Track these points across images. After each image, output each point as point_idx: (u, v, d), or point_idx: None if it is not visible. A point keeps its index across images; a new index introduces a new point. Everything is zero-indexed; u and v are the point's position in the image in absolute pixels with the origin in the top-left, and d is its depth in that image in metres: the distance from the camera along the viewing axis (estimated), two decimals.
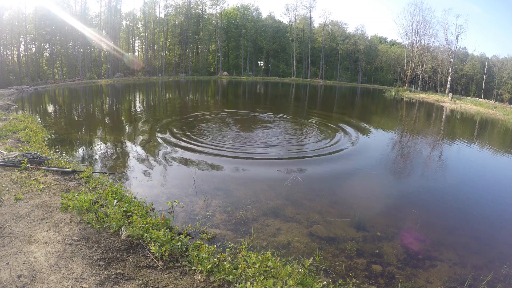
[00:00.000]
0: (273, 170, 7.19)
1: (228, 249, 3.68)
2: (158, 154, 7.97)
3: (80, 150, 8.11)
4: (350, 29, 78.12)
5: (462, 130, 16.48)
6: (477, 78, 63.62)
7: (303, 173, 7.07)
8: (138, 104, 21.11)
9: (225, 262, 3.13)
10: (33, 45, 39.17)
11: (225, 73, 57.46)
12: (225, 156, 7.81)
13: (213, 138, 9.91)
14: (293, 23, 64.91)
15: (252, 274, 2.98)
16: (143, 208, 4.42)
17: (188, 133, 10.43)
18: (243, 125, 12.87)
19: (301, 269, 3.23)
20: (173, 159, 7.58)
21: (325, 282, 3.23)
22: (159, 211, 4.71)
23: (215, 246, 3.70)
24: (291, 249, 4.03)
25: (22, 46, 38.18)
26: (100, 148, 8.44)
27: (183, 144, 9.01)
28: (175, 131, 10.85)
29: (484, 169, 8.77)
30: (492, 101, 39.63)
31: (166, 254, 3.25)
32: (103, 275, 2.83)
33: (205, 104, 21.25)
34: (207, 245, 3.51)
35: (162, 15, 55.97)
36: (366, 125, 14.13)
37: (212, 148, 8.60)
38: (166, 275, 2.96)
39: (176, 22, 57.25)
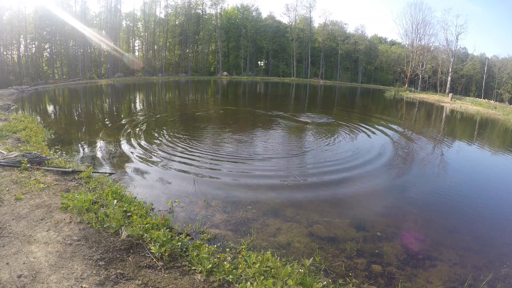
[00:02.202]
0: (273, 171, 7.19)
1: (228, 249, 3.68)
2: (158, 154, 7.97)
3: (80, 150, 8.12)
4: (350, 29, 78.26)
5: (462, 130, 16.48)
6: (477, 78, 63.66)
7: (303, 173, 7.06)
8: (138, 104, 21.12)
9: (225, 262, 3.13)
10: (33, 45, 39.19)
11: (225, 73, 57.47)
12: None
13: (213, 141, 9.90)
14: (293, 23, 64.93)
15: (252, 274, 2.98)
16: (143, 208, 4.42)
17: (187, 135, 10.43)
18: (249, 125, 12.87)
19: (301, 269, 3.23)
20: (173, 159, 7.57)
21: (325, 282, 3.23)
22: (159, 211, 4.71)
23: (215, 246, 3.70)
24: (291, 249, 4.02)
25: (22, 46, 38.27)
26: (100, 148, 8.44)
27: (182, 145, 9.02)
28: (175, 131, 10.85)
29: (484, 169, 8.78)
30: (492, 101, 39.64)
31: (166, 254, 3.24)
32: (103, 275, 2.83)
33: (205, 104, 21.25)
34: (207, 245, 3.51)
35: (162, 15, 56.12)
36: (365, 125, 14.13)
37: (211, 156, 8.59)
38: (166, 275, 2.96)
39: (176, 22, 57.27)
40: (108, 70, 46.27)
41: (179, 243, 3.45)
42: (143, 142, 9.08)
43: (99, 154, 7.80)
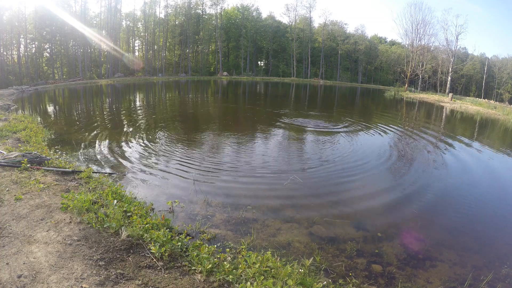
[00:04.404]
0: (273, 170, 7.19)
1: (228, 249, 3.68)
2: (158, 154, 7.97)
3: (80, 150, 8.11)
4: (350, 29, 78.27)
5: (462, 130, 16.48)
6: (477, 78, 63.65)
7: (303, 173, 7.06)
8: (138, 104, 21.11)
9: (225, 262, 3.13)
10: (33, 45, 39.18)
11: (225, 73, 57.47)
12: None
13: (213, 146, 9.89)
14: (293, 23, 64.94)
15: (252, 274, 2.98)
16: (143, 208, 4.42)
17: (188, 135, 10.43)
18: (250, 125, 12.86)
19: (301, 269, 3.23)
20: (173, 159, 7.57)
21: (325, 282, 3.23)
22: (159, 211, 4.71)
23: (215, 246, 3.70)
24: (291, 249, 4.02)
25: (22, 46, 38.25)
26: (100, 148, 8.44)
27: (182, 145, 9.02)
28: (176, 131, 10.85)
29: (483, 169, 8.77)
30: (492, 101, 39.64)
31: (166, 254, 3.25)
32: (103, 275, 2.83)
33: (205, 104, 21.26)
34: (207, 245, 3.51)
35: (162, 15, 56.12)
36: (366, 124, 14.14)
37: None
38: (166, 275, 2.96)
39: (176, 22, 57.27)
40: (108, 70, 46.26)
41: (179, 243, 3.46)
42: (143, 142, 9.08)
43: (99, 154, 7.79)
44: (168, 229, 3.85)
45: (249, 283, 2.80)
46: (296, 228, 4.59)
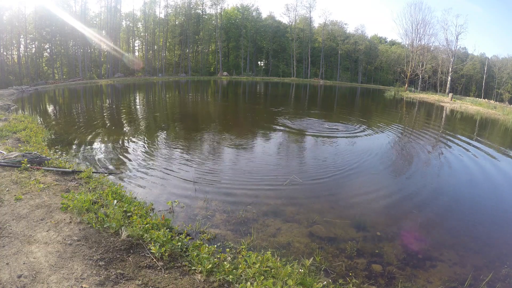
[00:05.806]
0: (273, 170, 7.19)
1: (228, 249, 3.68)
2: (159, 153, 7.97)
3: (80, 150, 8.12)
4: (350, 29, 78.22)
5: (462, 130, 16.47)
6: (477, 78, 63.65)
7: (302, 173, 7.06)
8: (138, 104, 21.11)
9: (225, 262, 3.13)
10: (33, 45, 39.18)
11: (225, 73, 57.48)
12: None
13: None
14: (293, 23, 64.94)
15: (252, 274, 2.98)
16: (143, 208, 4.43)
17: (188, 134, 10.43)
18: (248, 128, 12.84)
19: (301, 269, 3.23)
20: (174, 159, 7.58)
21: (325, 282, 3.23)
22: (159, 211, 4.71)
23: (215, 246, 3.70)
24: (291, 249, 4.02)
25: (22, 46, 38.26)
26: (100, 148, 8.44)
27: (182, 145, 9.02)
28: (176, 131, 10.84)
29: (483, 169, 8.76)
30: (492, 101, 39.62)
31: (166, 254, 3.25)
32: (103, 275, 2.83)
33: (205, 103, 21.25)
34: (207, 245, 3.51)
35: (162, 15, 56.10)
36: (366, 124, 14.14)
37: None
38: (166, 275, 2.96)
39: (176, 22, 57.28)
40: (108, 70, 46.27)
41: (179, 243, 3.46)
42: (143, 142, 9.08)
43: (99, 154, 7.79)
44: (168, 229, 3.85)
45: (249, 283, 2.80)
46: (296, 228, 4.59)
